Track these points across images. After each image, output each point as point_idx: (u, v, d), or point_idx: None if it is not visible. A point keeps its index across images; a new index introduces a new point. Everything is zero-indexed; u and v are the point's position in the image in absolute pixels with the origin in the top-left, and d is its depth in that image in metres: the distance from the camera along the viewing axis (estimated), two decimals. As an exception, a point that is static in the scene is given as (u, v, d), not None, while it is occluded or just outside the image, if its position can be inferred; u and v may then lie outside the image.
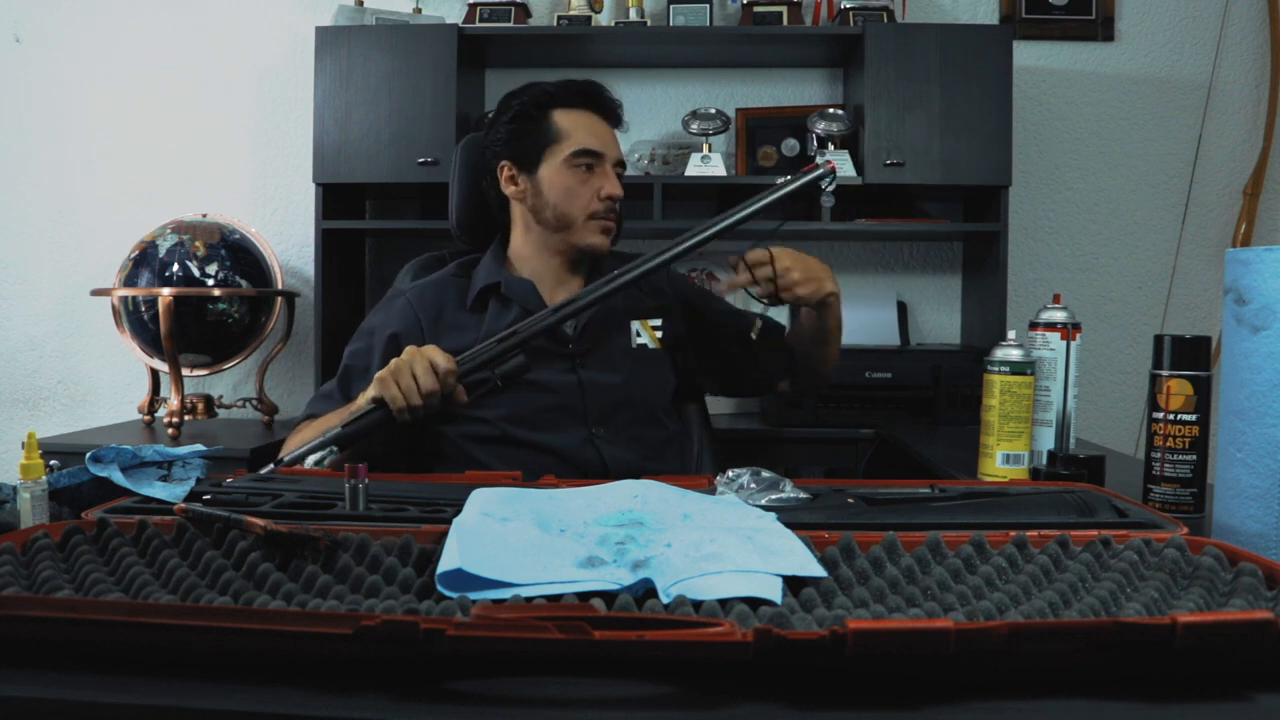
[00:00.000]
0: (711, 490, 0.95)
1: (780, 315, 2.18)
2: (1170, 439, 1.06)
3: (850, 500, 0.92)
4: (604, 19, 2.69)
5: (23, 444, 0.89)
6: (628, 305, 1.50)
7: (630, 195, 1.75)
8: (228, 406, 2.61)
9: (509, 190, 1.48)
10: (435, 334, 1.41)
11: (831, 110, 2.55)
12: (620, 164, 1.49)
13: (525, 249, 1.48)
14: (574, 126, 1.45)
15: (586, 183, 1.44)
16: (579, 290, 1.48)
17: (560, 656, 0.54)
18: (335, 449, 1.20)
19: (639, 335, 1.49)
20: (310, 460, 1.18)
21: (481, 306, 1.45)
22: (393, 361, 1.21)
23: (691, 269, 2.78)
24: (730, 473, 0.97)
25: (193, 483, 0.96)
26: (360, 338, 1.46)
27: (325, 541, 0.72)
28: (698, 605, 0.62)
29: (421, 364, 1.19)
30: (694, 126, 2.57)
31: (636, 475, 1.30)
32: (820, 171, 1.38)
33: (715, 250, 1.65)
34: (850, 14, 2.55)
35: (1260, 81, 2.70)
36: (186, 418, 2.45)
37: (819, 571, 0.68)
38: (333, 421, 1.29)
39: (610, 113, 1.50)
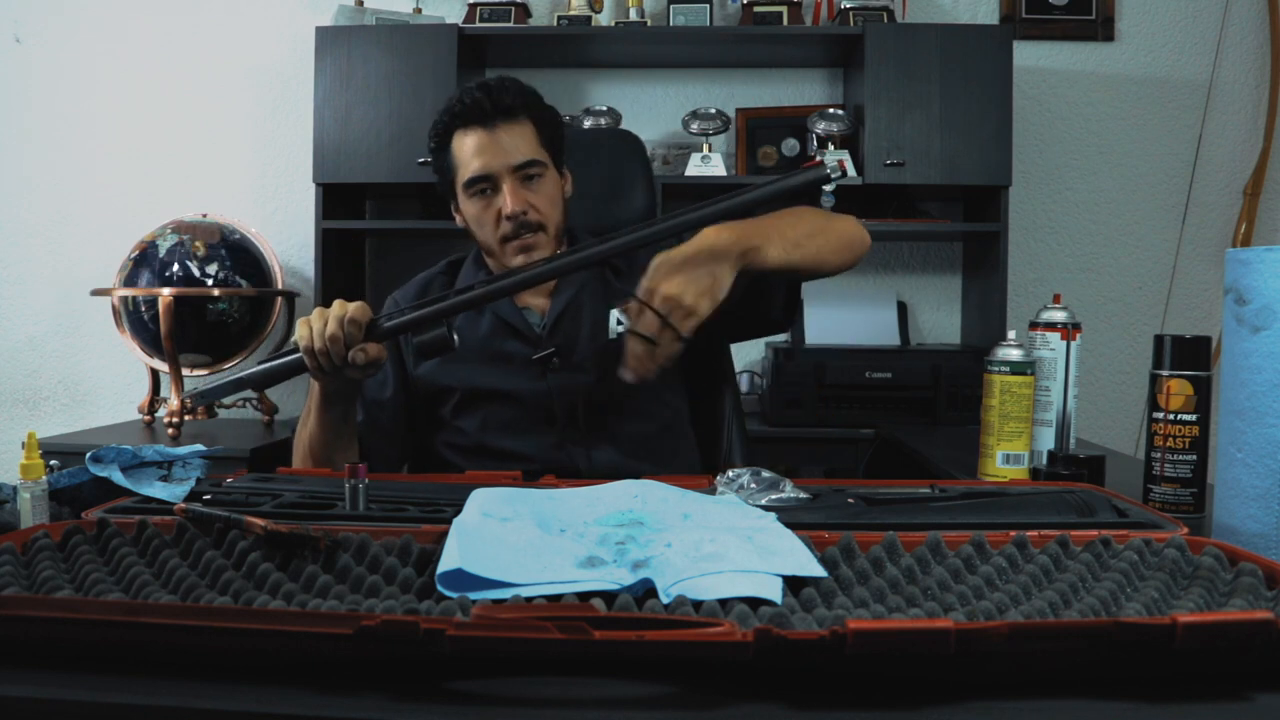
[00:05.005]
0: (711, 490, 0.95)
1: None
2: (1170, 439, 1.06)
3: (850, 500, 0.92)
4: (604, 19, 2.69)
5: (23, 444, 0.89)
6: (602, 296, 1.40)
7: (630, 195, 1.74)
8: (228, 406, 2.61)
9: (458, 222, 1.44)
10: None
11: (831, 110, 2.56)
12: (524, 166, 1.34)
13: (492, 264, 1.44)
14: (461, 152, 1.35)
15: (488, 208, 1.35)
16: (551, 296, 1.42)
17: (560, 656, 0.54)
18: (250, 390, 1.18)
19: (620, 324, 1.42)
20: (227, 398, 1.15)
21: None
22: (318, 308, 1.18)
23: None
24: (730, 473, 0.97)
25: (193, 483, 0.96)
26: None
27: (325, 541, 0.71)
28: (698, 605, 0.62)
29: (335, 310, 1.15)
30: (694, 126, 2.57)
31: (618, 474, 1.24)
32: (822, 172, 1.19)
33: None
34: (850, 14, 2.55)
35: (1260, 81, 2.70)
36: (186, 418, 2.45)
37: (819, 571, 0.68)
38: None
39: (492, 116, 1.34)
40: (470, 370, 1.36)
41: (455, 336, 1.17)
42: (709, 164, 2.54)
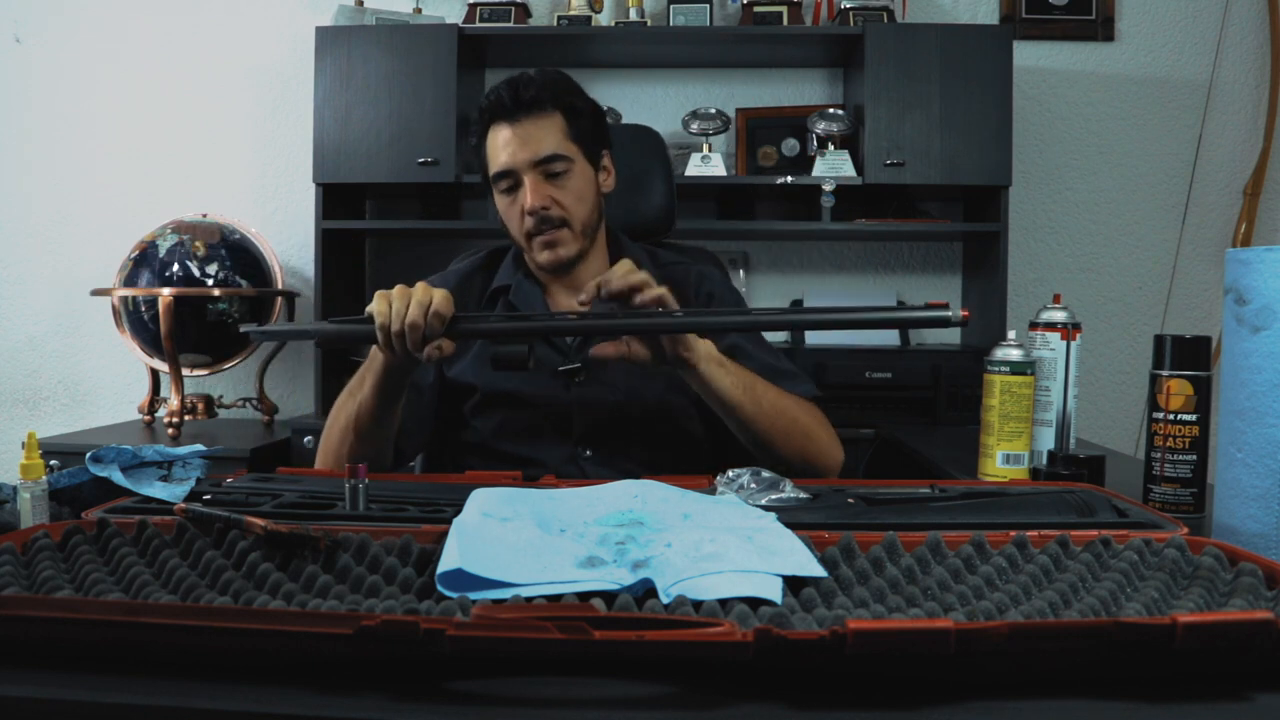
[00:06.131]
0: (711, 490, 0.95)
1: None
2: (1170, 439, 1.06)
3: (850, 500, 0.92)
4: (604, 19, 2.69)
5: (23, 444, 0.89)
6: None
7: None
8: (228, 406, 2.61)
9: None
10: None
11: (831, 110, 2.56)
12: (546, 160, 1.31)
13: (527, 259, 1.43)
14: (491, 148, 1.34)
15: (514, 204, 1.34)
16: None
17: (560, 656, 0.54)
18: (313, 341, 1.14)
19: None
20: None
21: (493, 306, 1.41)
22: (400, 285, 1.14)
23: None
24: (730, 473, 0.97)
25: (193, 483, 0.96)
26: None
27: (325, 541, 0.71)
28: (698, 605, 0.62)
29: (420, 295, 1.11)
30: (694, 126, 2.57)
31: None
32: (944, 314, 1.09)
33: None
34: (850, 14, 2.55)
35: (1260, 81, 2.70)
36: (186, 418, 2.45)
37: (819, 571, 0.68)
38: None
39: (515, 111, 1.32)
40: (496, 372, 1.32)
41: (533, 359, 1.14)
42: (709, 164, 2.54)
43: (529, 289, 1.40)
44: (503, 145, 1.32)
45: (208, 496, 0.90)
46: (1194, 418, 1.06)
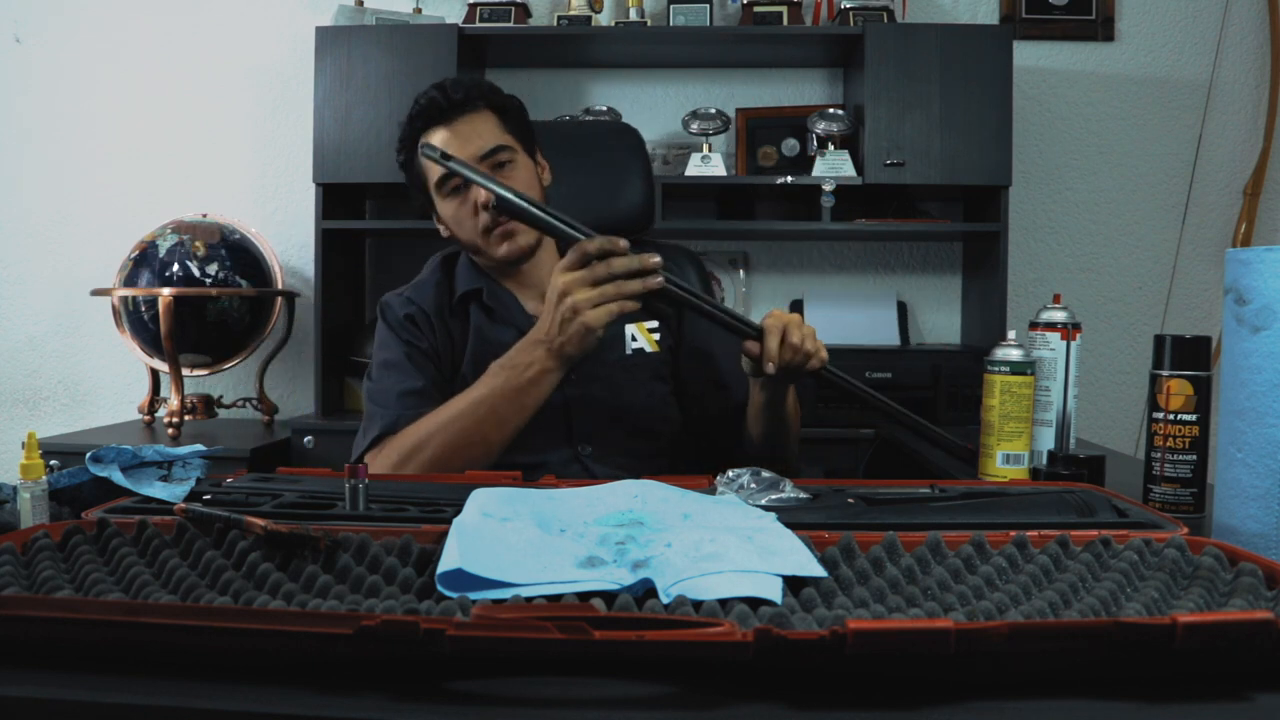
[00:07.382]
0: (711, 490, 0.95)
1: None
2: (1170, 439, 1.06)
3: (850, 500, 0.92)
4: (604, 19, 2.69)
5: (23, 444, 0.89)
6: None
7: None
8: (228, 406, 2.61)
9: (442, 232, 1.41)
10: (436, 332, 1.38)
11: (831, 110, 2.55)
12: (491, 153, 1.32)
13: (480, 262, 1.41)
14: None
15: (464, 203, 1.32)
16: None
17: (560, 656, 0.54)
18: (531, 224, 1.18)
19: (634, 340, 1.41)
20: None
21: (465, 312, 1.39)
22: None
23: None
24: (730, 473, 0.97)
25: (193, 483, 0.96)
26: (380, 352, 1.39)
27: (325, 541, 0.71)
28: (698, 605, 0.62)
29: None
30: (694, 126, 2.57)
31: None
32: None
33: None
34: (850, 14, 2.55)
35: (1260, 81, 2.70)
36: (186, 418, 2.45)
37: (819, 571, 0.68)
38: (452, 408, 1.24)
39: (449, 112, 1.33)
40: None
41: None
42: (709, 164, 2.54)
43: (501, 292, 1.40)
44: (444, 146, 1.31)
45: (208, 496, 0.90)
46: (1194, 418, 1.06)
